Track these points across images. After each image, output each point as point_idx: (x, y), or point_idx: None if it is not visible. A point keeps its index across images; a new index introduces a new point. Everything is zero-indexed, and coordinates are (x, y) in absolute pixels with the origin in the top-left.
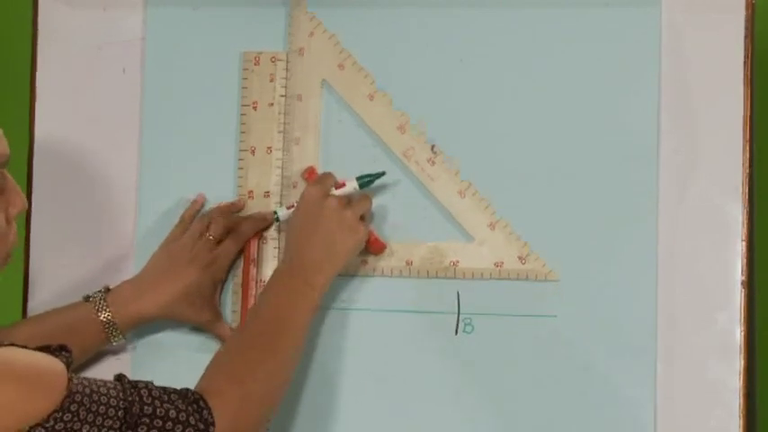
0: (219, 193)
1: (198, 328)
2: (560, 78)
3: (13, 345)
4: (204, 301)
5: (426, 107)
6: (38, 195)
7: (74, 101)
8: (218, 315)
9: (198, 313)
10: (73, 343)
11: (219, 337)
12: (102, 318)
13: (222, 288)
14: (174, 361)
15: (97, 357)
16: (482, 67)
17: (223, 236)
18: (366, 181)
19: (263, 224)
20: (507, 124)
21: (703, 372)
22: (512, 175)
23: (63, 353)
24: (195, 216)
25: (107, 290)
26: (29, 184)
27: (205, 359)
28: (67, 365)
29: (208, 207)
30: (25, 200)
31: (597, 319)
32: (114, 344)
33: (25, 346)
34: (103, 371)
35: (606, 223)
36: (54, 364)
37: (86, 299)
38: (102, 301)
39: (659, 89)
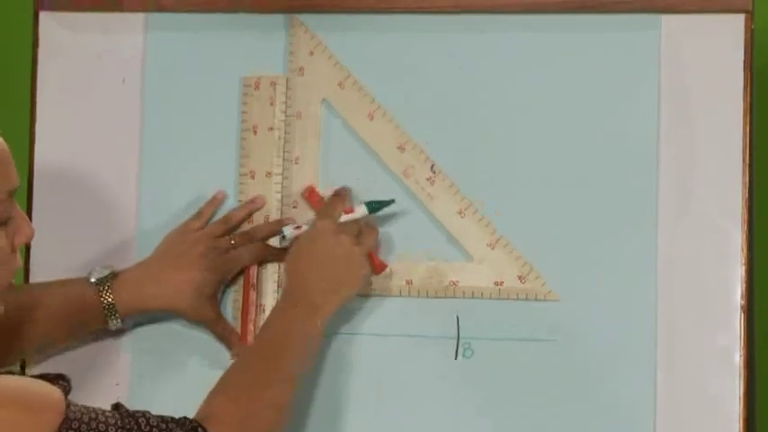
0: (219, 216)
1: (199, 329)
2: (560, 102)
3: (10, 372)
4: (207, 298)
5: (426, 127)
6: (38, 207)
7: (74, 113)
8: (218, 313)
9: (200, 310)
10: (70, 319)
11: (220, 336)
12: (103, 301)
13: (224, 291)
14: (175, 365)
15: (97, 363)
16: (481, 88)
17: (242, 244)
18: (375, 207)
19: (278, 229)
20: (507, 143)
21: (704, 393)
22: (512, 193)
23: (61, 382)
24: (214, 212)
25: (114, 274)
26: (29, 196)
27: (206, 363)
28: (65, 393)
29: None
30: (32, 229)
31: (597, 340)
32: (112, 327)
33: (23, 373)
34: (104, 374)
35: (606, 243)
36: (51, 391)
37: (91, 280)
38: (106, 285)
39: (658, 112)
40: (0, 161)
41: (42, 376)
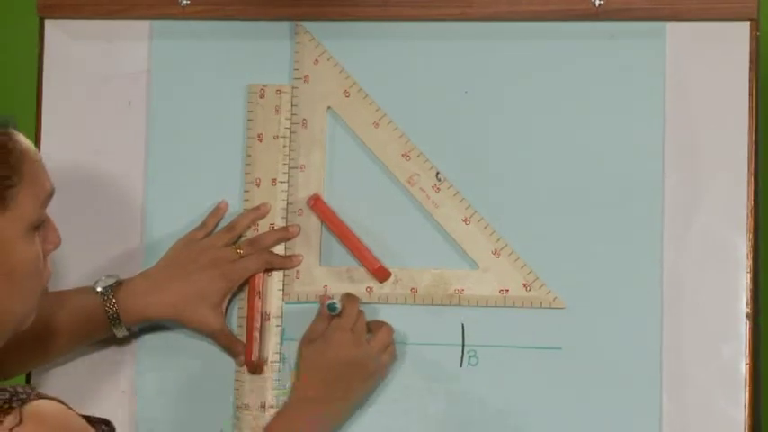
0: (224, 225)
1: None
2: (565, 109)
3: (61, 401)
4: (211, 307)
5: (431, 135)
6: None
7: (79, 133)
8: (223, 324)
9: (204, 319)
10: (76, 329)
11: (224, 347)
12: (108, 309)
13: (230, 300)
14: (181, 372)
15: (104, 370)
16: (487, 97)
17: (248, 252)
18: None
19: (284, 237)
20: (513, 151)
21: (709, 404)
22: (517, 201)
23: (103, 426)
24: (218, 222)
25: (119, 283)
26: None
27: (212, 371)
28: None
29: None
30: (60, 237)
31: (601, 351)
32: (119, 336)
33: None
34: (110, 381)
35: (611, 251)
36: None
37: (96, 290)
38: (110, 295)
39: (664, 120)
40: (39, 166)
41: (87, 417)
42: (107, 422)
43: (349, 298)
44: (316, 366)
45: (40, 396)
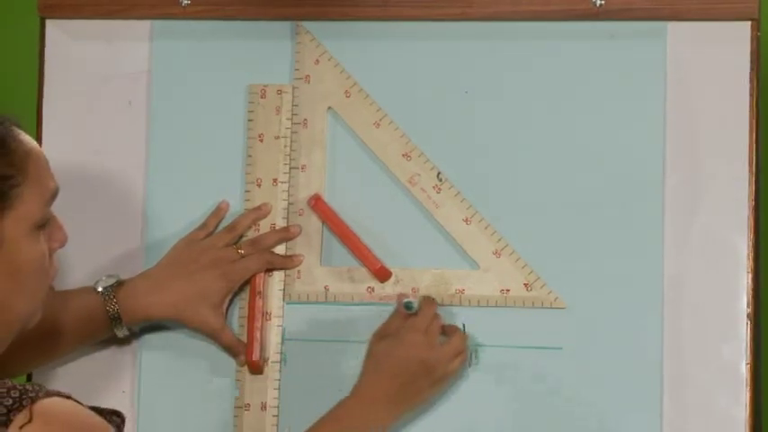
0: (225, 225)
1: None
2: (565, 109)
3: (70, 397)
4: (212, 307)
5: (432, 135)
6: None
7: (79, 133)
8: (223, 324)
9: (205, 319)
10: (78, 329)
11: (224, 347)
12: (109, 309)
13: (231, 300)
14: (182, 372)
15: (104, 370)
16: (487, 97)
17: (249, 253)
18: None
19: (285, 237)
20: (513, 151)
21: (709, 404)
22: (518, 201)
23: (114, 417)
24: (219, 223)
25: (119, 283)
26: None
27: (213, 370)
28: (118, 430)
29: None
30: (67, 236)
31: (602, 348)
32: (120, 335)
33: (80, 402)
34: (111, 381)
35: (611, 250)
36: (106, 428)
37: (97, 290)
38: (111, 295)
39: (664, 120)
40: (43, 164)
41: (97, 409)
42: (118, 413)
43: (427, 299)
44: (383, 364)
45: (50, 394)
